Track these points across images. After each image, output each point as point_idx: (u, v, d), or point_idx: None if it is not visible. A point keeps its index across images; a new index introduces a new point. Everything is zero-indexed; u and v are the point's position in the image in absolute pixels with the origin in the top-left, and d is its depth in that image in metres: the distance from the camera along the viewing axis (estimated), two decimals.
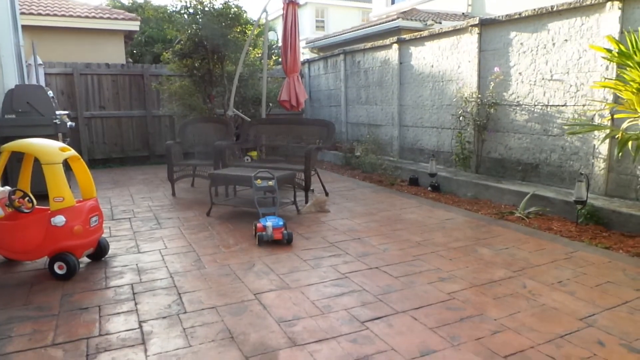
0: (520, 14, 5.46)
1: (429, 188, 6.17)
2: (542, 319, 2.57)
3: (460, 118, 6.24)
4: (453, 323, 2.53)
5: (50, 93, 6.05)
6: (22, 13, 9.53)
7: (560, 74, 5.10)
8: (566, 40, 5.01)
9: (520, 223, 4.55)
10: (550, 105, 5.24)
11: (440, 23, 12.62)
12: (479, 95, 5.98)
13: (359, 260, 3.54)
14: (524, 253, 3.65)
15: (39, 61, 7.64)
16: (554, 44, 5.15)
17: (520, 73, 5.56)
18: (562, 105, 5.11)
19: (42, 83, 7.76)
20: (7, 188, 3.51)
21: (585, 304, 2.74)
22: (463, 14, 14.35)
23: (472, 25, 6.11)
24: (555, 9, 5.05)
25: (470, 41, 6.20)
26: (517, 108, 5.64)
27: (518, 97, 5.61)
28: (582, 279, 3.11)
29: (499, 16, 5.77)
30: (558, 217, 4.64)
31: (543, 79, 5.29)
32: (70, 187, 3.29)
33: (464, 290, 2.97)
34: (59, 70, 8.70)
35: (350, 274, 3.27)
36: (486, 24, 5.96)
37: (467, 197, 5.67)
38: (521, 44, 5.52)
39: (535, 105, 5.41)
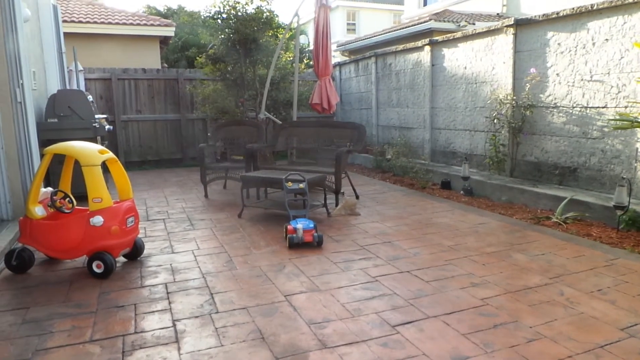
0: (558, 14, 5.31)
1: (462, 192, 6.06)
2: (581, 327, 2.48)
3: (495, 120, 6.11)
4: (486, 329, 2.47)
5: (90, 97, 6.27)
6: (64, 21, 9.91)
7: (601, 75, 4.93)
8: (607, 39, 4.84)
9: (557, 228, 4.41)
10: (590, 107, 5.06)
11: (474, 24, 12.42)
12: (514, 97, 5.84)
13: (390, 264, 3.51)
14: (562, 259, 3.54)
15: (80, 67, 7.94)
16: (593, 44, 4.98)
17: (557, 74, 5.41)
18: (603, 107, 4.93)
19: (82, 88, 8.05)
20: (50, 189, 3.65)
21: (626, 314, 2.63)
22: (497, 14, 14.08)
23: (507, 26, 5.99)
24: (595, 7, 4.89)
25: (505, 42, 6.07)
26: (554, 110, 5.48)
27: (555, 98, 5.46)
28: (624, 288, 2.99)
29: (535, 16, 5.63)
30: (597, 222, 4.48)
31: (582, 80, 5.12)
32: (108, 188, 3.40)
33: (497, 296, 2.90)
34: (98, 76, 9.01)
35: (381, 277, 3.25)
36: (522, 24, 5.82)
37: (501, 201, 5.55)
38: (559, 44, 5.37)
39: (573, 107, 5.25)
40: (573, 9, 5.11)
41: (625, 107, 4.69)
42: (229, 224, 4.79)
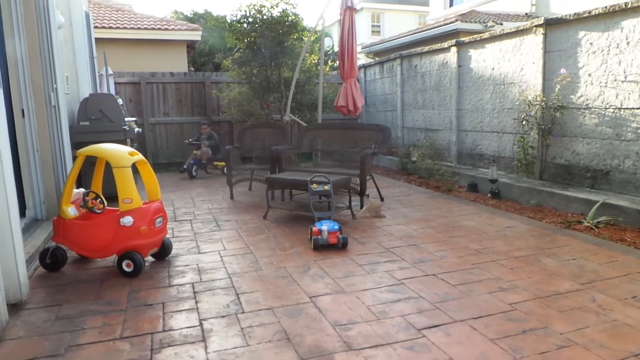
0: (589, 12, 5.17)
1: (489, 195, 5.96)
2: (614, 335, 2.40)
3: (523, 122, 5.99)
4: (515, 335, 2.42)
5: (120, 101, 6.43)
6: (95, 27, 10.20)
7: (635, 75, 4.77)
8: None
9: (589, 233, 4.29)
10: (624, 109, 4.91)
11: (502, 24, 12.21)
12: (544, 98, 5.72)
13: (415, 267, 3.48)
14: (594, 265, 3.44)
15: (110, 71, 8.15)
16: (628, 43, 4.83)
17: (589, 74, 5.27)
18: (637, 109, 4.78)
19: (113, 92, 8.27)
20: (82, 190, 3.76)
21: None
22: (526, 14, 13.81)
23: (536, 26, 5.87)
24: (629, 5, 4.75)
25: (534, 42, 5.95)
26: (586, 111, 5.34)
27: (587, 99, 5.32)
28: None
29: (565, 15, 5.50)
30: (632, 227, 4.34)
31: (615, 80, 4.98)
32: (137, 189, 3.47)
33: (526, 301, 2.84)
34: (127, 80, 9.24)
35: (406, 280, 3.22)
36: (552, 24, 5.70)
37: (530, 205, 5.43)
38: (590, 43, 5.23)
39: (606, 109, 5.10)
40: (606, 7, 4.98)
41: None
42: (254, 225, 4.83)
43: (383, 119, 10.02)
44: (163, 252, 3.76)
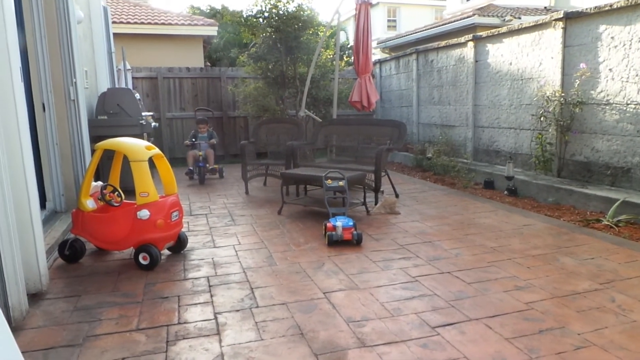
0: (611, 6, 5.06)
1: (505, 192, 5.89)
2: (634, 336, 2.36)
3: (541, 118, 5.89)
4: (531, 335, 2.39)
5: (137, 95, 6.49)
6: (114, 22, 10.30)
7: None
8: None
9: (609, 232, 4.21)
10: None
11: (520, 18, 12.03)
12: (563, 94, 5.62)
13: (430, 264, 3.46)
14: (613, 264, 3.38)
15: (128, 66, 8.23)
16: None
17: (610, 69, 5.16)
18: None
19: (130, 86, 8.35)
20: (100, 183, 3.81)
21: None
22: (545, 7, 13.58)
23: (556, 20, 5.76)
24: None
25: (553, 36, 5.85)
26: (607, 107, 5.23)
27: (607, 95, 5.21)
28: None
29: (586, 9, 5.38)
30: None
31: (637, 75, 4.86)
32: (154, 183, 3.51)
33: (543, 300, 2.80)
34: (144, 75, 9.32)
35: (421, 277, 3.21)
36: (571, 18, 5.59)
37: (548, 203, 5.35)
38: (612, 37, 5.12)
39: (627, 104, 4.99)
40: (628, 0, 4.86)
41: None
42: (269, 220, 4.85)
43: (398, 115, 9.95)
44: (179, 246, 3.80)
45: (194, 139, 7.41)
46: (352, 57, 7.58)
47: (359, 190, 5.43)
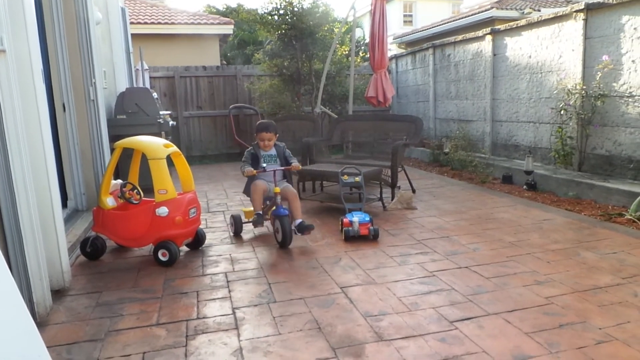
0: None
1: (524, 186, 5.81)
2: None
3: (561, 112, 5.78)
4: (551, 329, 2.36)
5: (155, 95, 6.57)
6: (131, 23, 10.44)
7: None
8: None
9: (631, 226, 4.12)
10: None
11: (539, 10, 11.82)
12: (584, 87, 5.51)
13: (448, 259, 3.43)
14: (636, 259, 3.31)
15: (145, 66, 8.34)
16: None
17: (633, 61, 5.04)
18: None
19: (148, 86, 8.46)
20: (119, 181, 3.88)
21: None
22: None
23: (576, 11, 5.64)
24: None
25: (574, 28, 5.73)
26: (630, 100, 5.11)
27: (630, 87, 5.09)
28: None
29: None
30: None
31: None
32: (172, 180, 3.55)
33: (563, 295, 2.76)
34: (162, 74, 9.43)
35: (438, 272, 3.19)
36: (593, 9, 5.47)
37: (568, 197, 5.26)
38: (635, 28, 4.99)
39: None
40: None
41: None
42: None
43: (415, 110, 9.88)
44: (197, 242, 3.85)
45: (263, 166, 4.09)
46: (368, 53, 7.55)
47: (375, 185, 5.41)
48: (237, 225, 4.23)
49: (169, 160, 3.64)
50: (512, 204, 5.08)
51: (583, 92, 5.48)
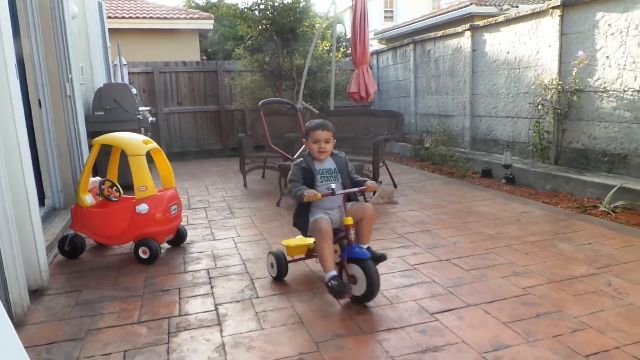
0: None
1: (503, 180, 5.91)
2: (630, 318, 2.38)
3: (539, 106, 5.89)
4: (529, 319, 2.42)
5: (134, 90, 6.48)
6: (109, 17, 10.25)
7: None
8: None
9: (606, 218, 4.23)
10: None
11: (517, 7, 11.99)
12: (560, 82, 5.62)
13: (429, 252, 3.48)
14: (609, 249, 3.41)
15: (124, 61, 8.20)
16: None
17: (607, 57, 5.15)
18: None
19: (126, 81, 8.32)
20: (98, 178, 3.82)
21: None
22: None
23: (553, 7, 5.74)
24: None
25: (550, 24, 5.83)
26: (604, 94, 5.24)
27: (605, 82, 5.21)
28: None
29: None
30: None
31: (634, 62, 4.86)
32: (152, 177, 3.51)
33: (540, 285, 2.82)
34: (140, 69, 9.29)
35: (420, 265, 3.23)
36: (569, 5, 5.57)
37: (545, 190, 5.37)
38: (609, 25, 5.11)
39: (624, 92, 4.99)
40: None
41: None
42: (267, 213, 4.86)
43: (396, 105, 9.95)
44: (178, 239, 3.82)
45: (332, 187, 2.75)
46: (350, 48, 7.56)
47: None
48: (280, 268, 3.01)
49: (149, 157, 3.60)
50: (491, 197, 5.17)
51: (559, 87, 5.59)
